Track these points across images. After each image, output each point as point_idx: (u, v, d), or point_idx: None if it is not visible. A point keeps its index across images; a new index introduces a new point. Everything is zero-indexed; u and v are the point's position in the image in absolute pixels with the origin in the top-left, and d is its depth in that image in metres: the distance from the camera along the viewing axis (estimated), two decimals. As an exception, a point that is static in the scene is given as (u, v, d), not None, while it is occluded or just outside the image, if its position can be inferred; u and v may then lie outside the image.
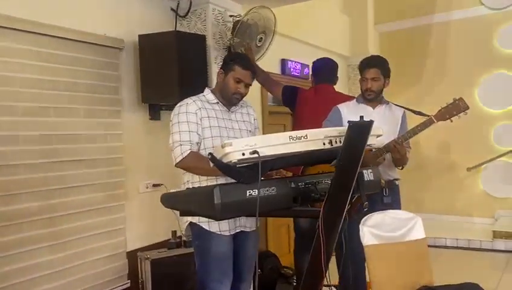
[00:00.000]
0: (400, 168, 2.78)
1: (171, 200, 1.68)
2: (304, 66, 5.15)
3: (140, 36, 3.13)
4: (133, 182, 3.27)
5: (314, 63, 3.66)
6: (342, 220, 1.68)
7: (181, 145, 2.23)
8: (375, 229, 1.99)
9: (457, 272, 3.16)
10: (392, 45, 6.82)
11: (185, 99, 2.38)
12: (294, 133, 1.53)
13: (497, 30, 6.35)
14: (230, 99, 2.41)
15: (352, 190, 1.67)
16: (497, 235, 5.59)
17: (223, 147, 1.43)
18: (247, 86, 2.40)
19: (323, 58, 3.74)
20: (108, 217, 3.05)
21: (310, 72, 3.67)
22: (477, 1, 6.45)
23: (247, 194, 1.51)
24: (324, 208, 1.64)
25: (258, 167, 1.48)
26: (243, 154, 1.44)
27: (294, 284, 4.11)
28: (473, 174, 6.53)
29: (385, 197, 2.66)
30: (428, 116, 2.65)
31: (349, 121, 1.57)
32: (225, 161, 1.45)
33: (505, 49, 6.31)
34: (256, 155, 1.43)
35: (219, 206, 1.44)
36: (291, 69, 4.93)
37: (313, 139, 1.56)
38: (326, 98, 3.31)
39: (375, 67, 2.80)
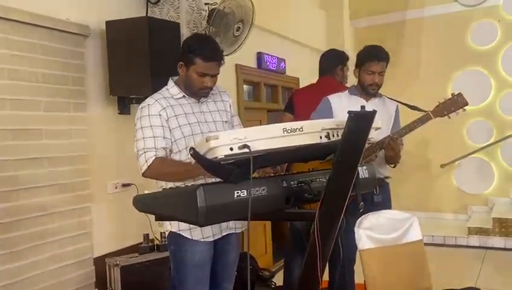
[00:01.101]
0: (392, 166, 2.63)
1: (145, 203, 1.46)
2: (280, 60, 4.98)
3: (107, 22, 2.87)
4: (100, 181, 3.00)
5: None
6: (340, 222, 1.50)
7: (145, 152, 2.00)
8: (370, 231, 1.84)
9: (436, 270, 3.07)
10: (367, 41, 6.72)
11: (147, 100, 2.11)
12: (288, 125, 1.34)
13: (470, 27, 6.36)
14: (197, 95, 2.13)
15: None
16: (472, 231, 5.60)
17: (207, 140, 1.23)
18: (214, 76, 2.11)
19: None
20: (73, 220, 2.78)
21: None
22: (450, -3, 6.45)
23: (235, 196, 1.31)
24: (320, 209, 1.46)
25: (248, 163, 1.29)
26: (231, 149, 1.24)
27: (273, 286, 3.95)
28: (446, 171, 6.54)
29: (376, 196, 2.50)
30: (424, 111, 2.53)
31: (349, 111, 1.39)
32: (210, 156, 1.25)
33: (478, 46, 6.34)
34: (246, 150, 1.23)
35: (203, 210, 1.23)
36: (268, 63, 4.75)
37: (309, 131, 1.38)
38: (323, 88, 3.14)
39: (383, 60, 2.61)
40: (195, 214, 1.23)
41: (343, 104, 2.63)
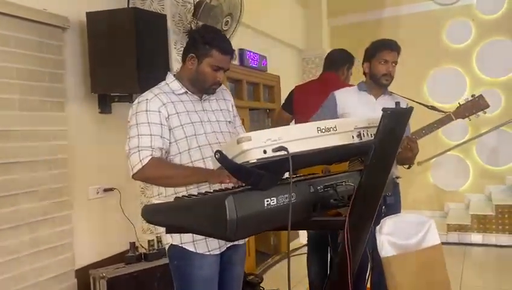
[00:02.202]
0: (407, 167, 2.53)
1: (157, 214, 1.27)
2: (261, 57, 4.83)
3: (88, 14, 2.65)
4: (81, 187, 2.78)
5: None
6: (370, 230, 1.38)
7: (139, 151, 1.77)
8: (391, 237, 1.73)
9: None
10: (343, 39, 6.71)
11: (145, 94, 1.87)
12: (322, 124, 1.20)
13: (445, 25, 6.42)
14: (206, 91, 1.95)
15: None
16: (451, 228, 5.65)
17: (238, 142, 1.06)
18: (226, 71, 1.96)
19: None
20: (52, 230, 2.55)
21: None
22: (426, -4, 6.49)
23: (265, 204, 1.15)
24: (350, 216, 1.33)
25: (278, 166, 1.14)
26: (264, 151, 1.08)
27: (261, 292, 3.81)
28: (423, 169, 6.57)
29: (388, 197, 2.39)
30: (444, 112, 2.45)
31: (384, 108, 1.26)
32: (240, 161, 1.08)
33: (453, 44, 6.40)
34: (283, 152, 1.08)
35: (234, 224, 1.06)
36: (250, 60, 4.60)
37: (343, 131, 1.24)
38: (325, 85, 3.03)
39: (396, 51, 2.52)
40: (223, 227, 1.07)
41: (352, 100, 2.52)
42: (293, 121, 3.44)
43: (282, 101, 3.71)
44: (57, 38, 2.57)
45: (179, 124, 1.84)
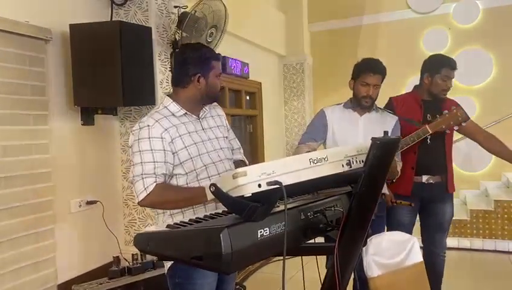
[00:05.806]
0: (389, 182, 2.59)
1: (149, 244, 1.27)
2: (244, 64, 4.84)
3: (72, 26, 2.61)
4: (64, 200, 2.74)
5: None
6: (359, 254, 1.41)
7: (143, 179, 1.80)
8: (377, 257, 1.77)
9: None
10: (323, 45, 6.79)
11: (145, 119, 1.88)
12: (314, 155, 1.22)
13: (423, 33, 6.55)
14: (217, 99, 2.08)
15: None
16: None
17: (234, 177, 1.08)
18: None
19: None
20: (34, 245, 2.51)
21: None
22: (404, 4, 6.60)
23: (259, 235, 1.17)
24: (340, 242, 1.36)
25: (269, 198, 1.16)
26: (259, 185, 1.10)
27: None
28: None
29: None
30: (421, 125, 2.52)
31: (373, 138, 1.30)
32: (235, 194, 1.10)
33: (430, 52, 6.44)
34: (276, 186, 1.10)
35: (229, 258, 1.07)
36: (233, 68, 4.60)
37: (333, 160, 1.27)
38: None
39: (379, 73, 2.54)
40: (218, 261, 1.08)
41: (337, 117, 2.59)
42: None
43: (267, 107, 3.54)
44: (40, 51, 2.52)
45: (183, 146, 1.87)
